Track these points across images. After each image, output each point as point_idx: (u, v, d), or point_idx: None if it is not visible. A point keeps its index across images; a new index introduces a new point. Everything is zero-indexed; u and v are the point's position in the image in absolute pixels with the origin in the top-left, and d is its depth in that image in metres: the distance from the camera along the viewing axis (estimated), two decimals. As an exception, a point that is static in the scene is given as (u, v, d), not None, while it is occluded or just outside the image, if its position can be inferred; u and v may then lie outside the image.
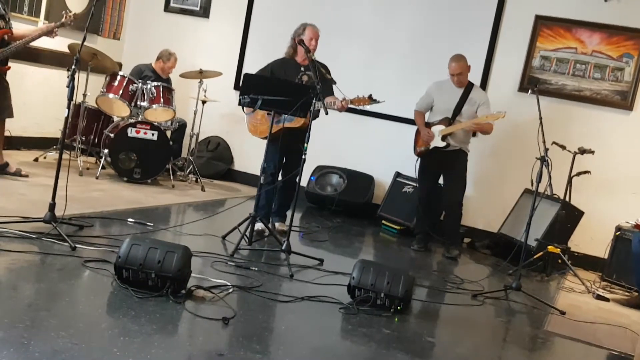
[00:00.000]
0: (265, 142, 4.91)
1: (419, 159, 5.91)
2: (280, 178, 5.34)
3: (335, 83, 4.96)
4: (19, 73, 6.20)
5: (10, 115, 5.59)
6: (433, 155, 5.76)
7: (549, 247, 5.58)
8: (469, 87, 5.73)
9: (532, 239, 5.54)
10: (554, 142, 5.79)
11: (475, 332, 3.85)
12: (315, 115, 5.06)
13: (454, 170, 5.78)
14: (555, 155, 5.22)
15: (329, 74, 5.08)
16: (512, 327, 4.13)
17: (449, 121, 5.67)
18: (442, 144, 5.67)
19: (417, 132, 5.91)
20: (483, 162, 6.64)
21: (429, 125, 5.81)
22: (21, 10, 6.63)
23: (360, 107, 4.94)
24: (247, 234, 4.64)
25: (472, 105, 5.67)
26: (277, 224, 5.39)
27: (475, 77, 6.18)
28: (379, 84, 6.92)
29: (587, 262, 6.27)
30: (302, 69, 5.10)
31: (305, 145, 4.49)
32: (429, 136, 5.72)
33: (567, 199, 5.98)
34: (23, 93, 6.46)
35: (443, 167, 5.83)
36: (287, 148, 5.05)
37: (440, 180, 5.98)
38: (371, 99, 4.85)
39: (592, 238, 6.32)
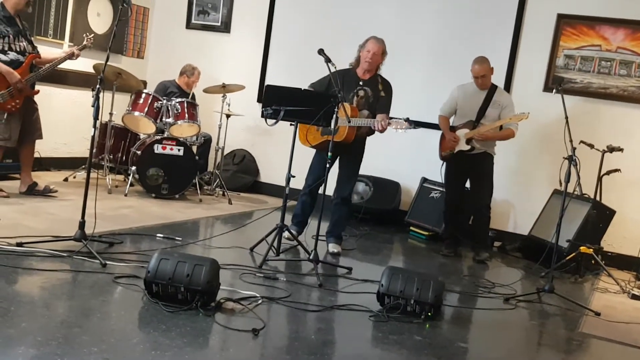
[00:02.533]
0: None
1: (445, 163, 5.87)
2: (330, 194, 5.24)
3: (389, 104, 4.95)
4: (46, 95, 6.31)
5: (40, 136, 5.70)
6: (459, 159, 5.71)
7: (581, 247, 5.48)
8: (492, 89, 5.68)
9: (563, 240, 5.46)
10: (581, 141, 5.72)
11: (508, 336, 3.80)
12: (369, 131, 5.01)
13: (480, 173, 5.73)
14: (583, 155, 5.16)
15: (388, 92, 5.04)
16: (546, 330, 4.07)
17: (473, 124, 5.62)
18: (467, 147, 5.62)
19: (442, 137, 5.87)
20: (511, 164, 6.57)
21: (453, 129, 5.76)
22: (46, 33, 6.76)
23: (400, 131, 4.83)
24: (275, 244, 4.64)
25: (496, 108, 5.61)
26: (330, 245, 5.23)
27: (499, 78, 6.13)
28: (402, 90, 6.89)
29: (621, 261, 6.16)
30: (361, 83, 5.03)
31: (329, 154, 4.49)
32: (454, 141, 5.67)
33: (597, 198, 5.89)
34: (51, 114, 6.57)
35: (469, 170, 5.77)
36: (335, 161, 5.05)
37: (467, 184, 5.93)
38: (409, 122, 4.77)
39: (626, 237, 6.22)
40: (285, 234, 4.86)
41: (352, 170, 5.17)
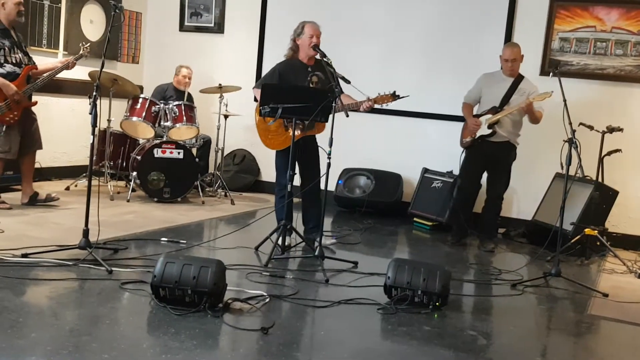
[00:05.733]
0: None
1: (465, 151, 5.76)
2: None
3: (349, 82, 4.77)
4: (43, 105, 6.31)
5: (40, 147, 5.71)
6: (480, 148, 5.60)
7: (586, 230, 5.48)
8: (519, 78, 5.58)
9: (567, 223, 5.46)
10: (581, 123, 5.71)
11: (517, 321, 3.80)
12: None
13: (500, 164, 5.63)
14: (583, 137, 5.15)
15: (331, 66, 4.85)
16: (555, 313, 4.07)
17: (496, 110, 5.52)
18: (488, 131, 5.51)
19: (464, 125, 5.78)
20: (511, 150, 6.56)
21: (477, 116, 5.66)
22: (40, 43, 6.76)
23: (385, 106, 4.86)
24: (280, 242, 4.64)
25: (522, 95, 5.49)
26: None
27: (495, 65, 6.10)
28: (398, 81, 6.88)
29: (627, 241, 6.17)
30: (309, 69, 5.00)
31: (329, 149, 4.47)
32: (475, 125, 5.57)
33: (600, 179, 5.88)
34: (49, 124, 6.57)
35: (489, 160, 5.65)
36: (301, 158, 5.01)
37: (484, 176, 5.86)
38: (394, 96, 4.77)
39: (630, 217, 6.23)
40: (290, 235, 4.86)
41: (317, 164, 5.09)
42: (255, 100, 5.04)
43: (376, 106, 4.87)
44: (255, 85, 5.16)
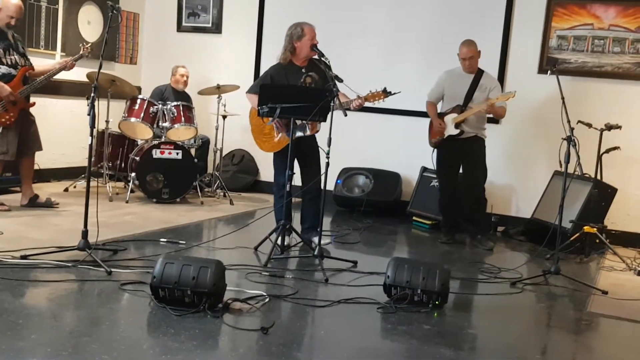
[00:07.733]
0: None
1: (436, 150, 5.81)
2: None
3: (342, 80, 4.67)
4: (41, 106, 6.29)
5: (39, 148, 5.70)
6: (449, 145, 5.65)
7: (585, 227, 5.48)
8: (479, 73, 5.62)
9: (566, 221, 5.46)
10: (579, 121, 5.71)
11: (517, 320, 3.80)
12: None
13: (472, 158, 5.67)
14: (582, 134, 5.16)
15: (327, 66, 4.78)
16: (554, 311, 4.07)
17: (460, 108, 5.56)
18: (456, 131, 5.57)
19: (430, 124, 5.83)
20: (510, 148, 6.57)
21: (441, 115, 5.72)
22: (37, 44, 6.76)
23: (376, 103, 4.86)
24: (279, 242, 4.63)
25: (483, 91, 5.55)
26: (315, 239, 4.85)
27: (493, 64, 6.12)
28: (397, 81, 6.88)
29: (626, 239, 6.17)
30: (303, 70, 4.99)
31: (328, 148, 4.47)
32: (441, 127, 5.63)
33: (598, 177, 5.88)
34: (48, 125, 6.55)
35: (461, 156, 5.70)
36: (299, 157, 5.00)
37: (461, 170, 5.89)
38: (386, 92, 4.78)
39: (629, 214, 6.22)
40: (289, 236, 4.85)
41: (317, 163, 5.09)
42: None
43: (368, 104, 4.86)
44: (248, 90, 5.13)
